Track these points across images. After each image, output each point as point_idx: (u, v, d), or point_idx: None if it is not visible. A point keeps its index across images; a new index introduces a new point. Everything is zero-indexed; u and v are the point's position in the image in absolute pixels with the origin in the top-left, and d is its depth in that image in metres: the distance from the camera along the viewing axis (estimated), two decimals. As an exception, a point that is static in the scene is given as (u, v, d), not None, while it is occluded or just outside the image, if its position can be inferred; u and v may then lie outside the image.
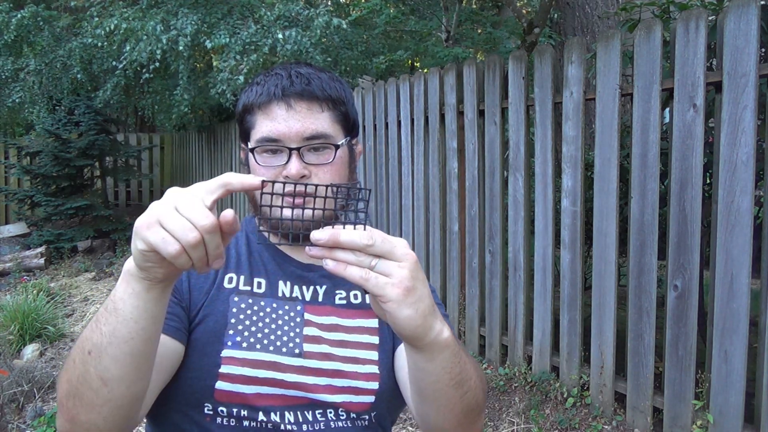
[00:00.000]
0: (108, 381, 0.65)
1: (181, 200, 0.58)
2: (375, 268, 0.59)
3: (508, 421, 2.73)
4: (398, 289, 0.59)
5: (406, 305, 0.59)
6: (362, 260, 0.58)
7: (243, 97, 0.90)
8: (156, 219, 0.57)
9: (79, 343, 0.68)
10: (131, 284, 0.63)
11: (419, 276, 0.61)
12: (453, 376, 0.69)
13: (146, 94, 7.37)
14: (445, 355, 0.67)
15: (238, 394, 0.82)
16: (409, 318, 0.60)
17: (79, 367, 0.66)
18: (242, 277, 0.90)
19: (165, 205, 0.58)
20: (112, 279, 5.76)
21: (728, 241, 2.15)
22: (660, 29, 2.35)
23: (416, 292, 0.60)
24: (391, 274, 0.59)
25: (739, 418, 2.16)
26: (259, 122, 0.87)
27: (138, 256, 0.60)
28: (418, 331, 0.62)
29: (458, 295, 3.49)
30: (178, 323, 0.83)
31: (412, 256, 0.61)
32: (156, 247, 0.57)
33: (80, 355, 0.66)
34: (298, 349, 0.87)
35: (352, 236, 0.58)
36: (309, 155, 0.86)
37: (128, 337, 0.64)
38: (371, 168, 4.24)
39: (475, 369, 0.75)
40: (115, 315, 0.64)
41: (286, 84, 0.86)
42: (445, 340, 0.65)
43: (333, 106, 0.88)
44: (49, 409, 2.89)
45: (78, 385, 0.67)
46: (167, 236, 0.56)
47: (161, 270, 0.61)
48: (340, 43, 5.69)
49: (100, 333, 0.65)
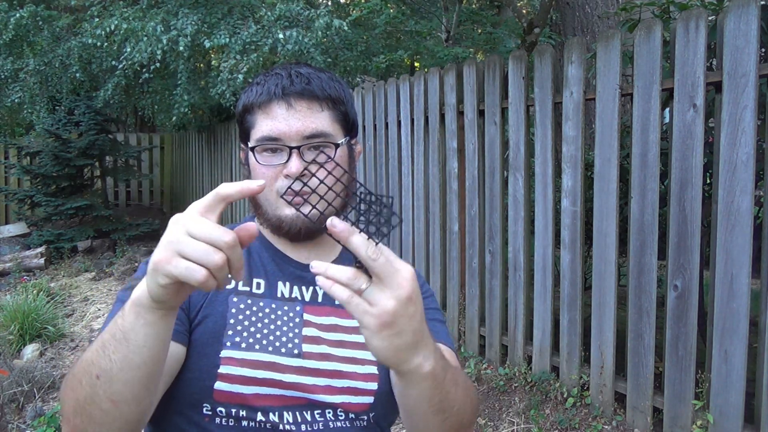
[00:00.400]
0: (119, 402, 0.66)
1: (191, 225, 0.57)
2: (363, 293, 0.58)
3: (508, 421, 2.73)
4: (375, 320, 0.58)
5: (380, 338, 0.59)
6: (353, 282, 0.58)
7: (243, 97, 0.91)
8: (174, 251, 0.57)
9: (84, 365, 0.68)
10: (143, 315, 0.62)
11: (407, 312, 0.59)
12: (433, 404, 0.69)
13: (146, 94, 7.37)
14: (424, 386, 0.66)
15: (237, 394, 0.82)
16: (380, 348, 0.60)
17: (87, 389, 0.67)
18: None
19: (176, 234, 0.57)
20: (112, 279, 5.76)
21: (728, 241, 2.15)
22: (660, 29, 2.34)
23: (394, 328, 0.59)
24: (374, 304, 0.58)
25: (739, 418, 2.16)
26: (259, 121, 0.87)
27: (159, 292, 0.59)
28: (389, 362, 0.62)
29: (458, 295, 3.49)
30: (180, 326, 0.83)
31: (408, 290, 0.59)
32: (182, 277, 0.56)
33: (87, 378, 0.66)
34: (297, 349, 0.87)
35: (361, 242, 0.57)
36: (309, 154, 0.86)
37: (141, 363, 0.65)
38: (371, 168, 4.24)
39: (464, 392, 0.75)
40: (126, 344, 0.64)
41: (286, 83, 0.86)
42: (424, 374, 0.64)
43: (333, 105, 0.88)
44: (49, 409, 2.89)
45: (86, 405, 0.67)
46: (191, 265, 0.56)
47: (180, 298, 0.61)
48: (340, 43, 5.69)
49: (109, 360, 0.65)
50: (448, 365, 0.70)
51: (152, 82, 6.56)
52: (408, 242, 3.86)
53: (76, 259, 6.55)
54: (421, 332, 0.62)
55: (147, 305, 0.62)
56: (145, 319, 0.63)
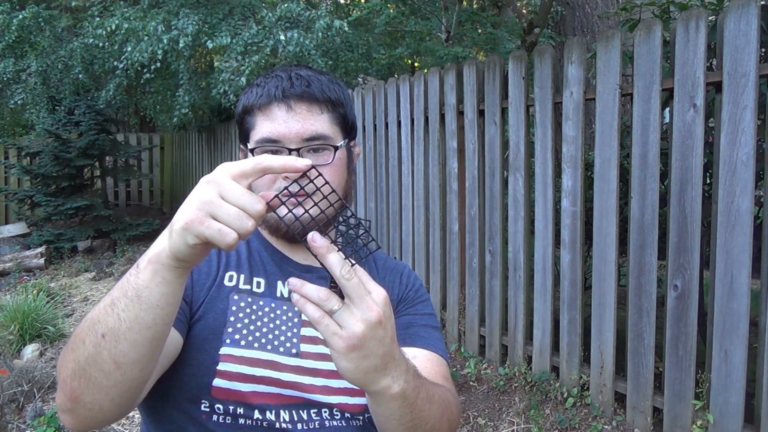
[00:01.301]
0: (122, 365, 0.65)
1: (225, 189, 0.58)
2: (334, 314, 0.58)
3: (508, 421, 2.73)
4: (343, 343, 0.58)
5: (347, 360, 0.59)
6: (326, 303, 0.58)
7: (243, 98, 0.91)
8: (207, 212, 0.57)
9: (89, 324, 0.66)
10: (160, 273, 0.62)
11: (376, 335, 0.59)
12: (404, 422, 0.69)
13: (147, 94, 7.38)
14: (393, 406, 0.66)
15: (235, 391, 0.83)
16: (347, 370, 0.61)
17: (90, 348, 0.65)
18: (242, 276, 0.91)
19: (209, 195, 0.58)
20: (112, 279, 5.76)
21: (728, 241, 2.15)
22: (660, 29, 2.34)
23: (362, 350, 0.59)
24: (344, 327, 0.58)
25: (739, 418, 2.16)
26: (259, 123, 0.88)
27: (186, 251, 0.59)
28: (356, 383, 0.63)
29: (458, 295, 3.49)
30: (182, 315, 0.83)
31: (377, 314, 0.59)
32: (212, 239, 0.57)
33: (91, 338, 0.65)
34: (295, 349, 0.87)
35: (337, 261, 0.58)
36: (308, 156, 0.87)
37: (152, 323, 0.64)
38: (371, 168, 4.25)
39: (440, 408, 0.75)
40: (138, 302, 0.63)
41: (286, 86, 0.86)
42: (393, 395, 0.65)
43: (332, 108, 0.89)
44: (49, 409, 2.89)
45: (86, 366, 0.66)
46: (223, 228, 0.57)
47: (201, 258, 0.62)
48: (341, 44, 5.69)
49: (118, 318, 0.64)
50: (421, 384, 0.70)
51: (153, 82, 6.56)
52: (408, 242, 3.86)
53: (76, 259, 6.56)
54: (391, 354, 0.62)
55: (167, 263, 0.61)
56: (162, 277, 0.62)
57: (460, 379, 3.11)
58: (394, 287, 1.02)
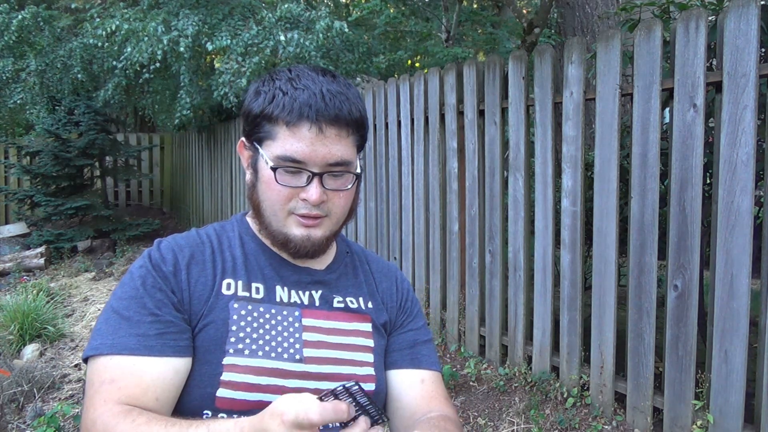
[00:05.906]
0: None
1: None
2: None
3: (508, 421, 2.73)
4: None
5: None
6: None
7: (261, 100, 0.86)
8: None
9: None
10: None
11: None
12: None
13: (146, 94, 7.37)
14: None
15: (240, 401, 0.82)
16: None
17: None
18: (240, 283, 0.90)
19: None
20: (112, 279, 5.76)
21: (728, 241, 2.15)
22: (660, 29, 2.35)
23: None
24: None
25: (739, 418, 2.16)
26: (282, 137, 0.84)
27: None
28: None
29: (458, 295, 3.49)
30: (188, 340, 0.84)
31: None
32: None
33: None
34: (298, 354, 0.87)
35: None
36: (328, 180, 0.86)
37: None
38: (371, 168, 4.25)
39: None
40: None
41: (320, 106, 0.82)
42: None
43: (356, 130, 0.87)
44: (49, 409, 2.89)
45: None
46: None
47: None
48: (341, 45, 5.69)
49: None
50: None
51: (153, 82, 6.56)
52: (408, 242, 3.86)
53: (76, 259, 6.56)
54: None
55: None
56: None
57: (460, 379, 3.11)
58: (392, 294, 1.03)
